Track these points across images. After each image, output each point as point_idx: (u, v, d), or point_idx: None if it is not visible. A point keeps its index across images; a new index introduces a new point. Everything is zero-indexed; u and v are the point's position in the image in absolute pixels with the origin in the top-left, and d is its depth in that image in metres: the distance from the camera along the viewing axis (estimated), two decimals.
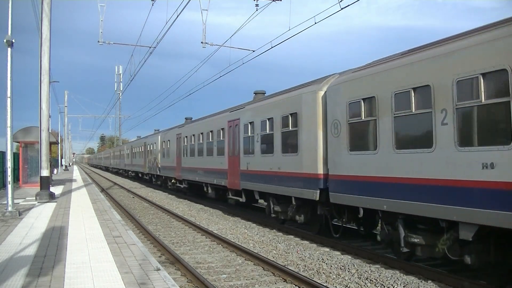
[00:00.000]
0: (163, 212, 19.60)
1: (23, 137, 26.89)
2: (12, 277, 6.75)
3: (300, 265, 9.88)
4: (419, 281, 8.42)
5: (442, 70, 7.91)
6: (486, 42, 7.26)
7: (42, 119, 19.35)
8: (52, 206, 16.97)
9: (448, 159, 7.68)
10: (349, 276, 8.89)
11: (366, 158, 9.85)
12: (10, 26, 14.65)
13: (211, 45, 20.35)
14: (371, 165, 9.63)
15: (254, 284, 8.45)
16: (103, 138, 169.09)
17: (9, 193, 14.44)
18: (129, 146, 51.05)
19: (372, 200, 9.60)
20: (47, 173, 19.15)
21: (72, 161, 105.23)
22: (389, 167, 9.06)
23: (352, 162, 10.31)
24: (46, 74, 19.23)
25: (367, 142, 9.88)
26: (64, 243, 9.51)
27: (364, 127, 9.96)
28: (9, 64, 14.57)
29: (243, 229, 14.71)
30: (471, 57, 7.43)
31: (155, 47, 23.72)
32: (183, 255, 10.84)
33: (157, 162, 33.38)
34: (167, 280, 6.65)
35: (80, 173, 57.73)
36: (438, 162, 7.88)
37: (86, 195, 22.02)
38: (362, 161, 9.94)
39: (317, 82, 12.30)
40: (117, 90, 73.98)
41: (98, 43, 23.13)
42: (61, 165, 65.35)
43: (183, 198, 26.34)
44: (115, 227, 11.80)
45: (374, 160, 9.53)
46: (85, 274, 6.90)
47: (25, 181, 28.26)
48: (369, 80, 9.88)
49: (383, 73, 9.48)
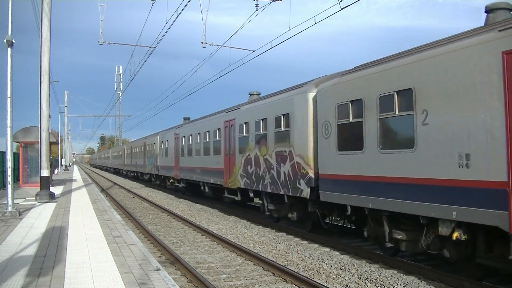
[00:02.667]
0: (163, 212, 19.60)
1: (23, 137, 26.89)
2: (12, 277, 6.75)
3: (300, 265, 9.88)
4: (419, 281, 8.42)
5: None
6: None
7: (42, 119, 19.35)
8: (52, 206, 16.97)
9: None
10: (349, 276, 8.89)
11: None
12: (10, 26, 14.66)
13: (211, 45, 20.36)
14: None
15: (254, 284, 8.45)
16: (103, 138, 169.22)
17: (9, 193, 14.43)
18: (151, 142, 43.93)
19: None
20: (47, 173, 19.15)
21: (72, 161, 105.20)
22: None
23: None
24: (46, 74, 19.22)
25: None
26: (64, 243, 9.51)
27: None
28: (9, 64, 14.56)
29: (243, 229, 14.71)
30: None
31: (155, 47, 23.72)
32: (183, 255, 10.84)
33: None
34: (167, 280, 6.64)
35: (80, 173, 57.73)
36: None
37: (86, 195, 22.02)
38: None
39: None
40: (117, 90, 74.13)
41: (98, 43, 23.11)
42: (61, 165, 65.37)
43: (182, 198, 26.35)
44: (115, 227, 11.80)
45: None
46: (85, 274, 6.90)
47: (25, 181, 28.27)
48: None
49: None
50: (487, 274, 8.37)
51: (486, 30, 7.49)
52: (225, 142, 18.70)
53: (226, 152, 18.42)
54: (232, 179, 17.68)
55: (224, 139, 18.83)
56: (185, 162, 25.21)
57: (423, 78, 8.21)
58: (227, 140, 18.44)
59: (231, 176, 17.70)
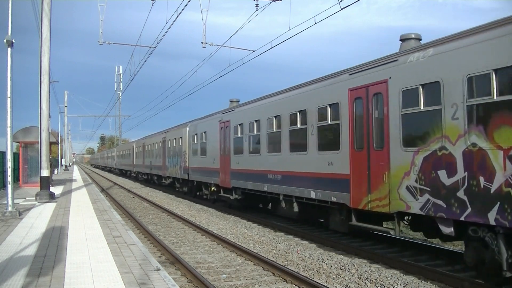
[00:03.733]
0: (163, 212, 19.60)
1: (23, 137, 26.88)
2: (12, 277, 6.75)
3: (300, 265, 9.88)
4: (419, 281, 8.42)
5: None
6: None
7: (42, 119, 19.35)
8: (52, 206, 16.97)
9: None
10: (349, 276, 8.89)
11: None
12: (10, 26, 14.66)
13: (211, 45, 20.35)
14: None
15: (254, 284, 8.45)
16: (103, 138, 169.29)
17: (9, 193, 14.43)
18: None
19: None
20: (47, 173, 19.14)
21: (72, 161, 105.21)
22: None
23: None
24: (46, 74, 19.22)
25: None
26: (64, 243, 9.51)
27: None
28: (9, 64, 14.56)
29: (243, 229, 14.71)
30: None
31: (155, 47, 23.73)
32: (183, 255, 10.84)
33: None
34: (167, 280, 6.65)
35: (80, 173, 57.73)
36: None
37: (86, 195, 22.02)
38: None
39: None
40: (117, 90, 74.06)
41: (98, 43, 23.12)
42: (61, 165, 65.36)
43: (183, 198, 26.33)
44: (115, 227, 11.80)
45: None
46: (85, 274, 6.90)
47: (25, 181, 28.26)
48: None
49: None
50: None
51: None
52: (358, 126, 10.45)
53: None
54: (380, 195, 9.49)
55: (354, 121, 10.59)
56: (246, 162, 16.81)
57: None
58: (368, 121, 10.13)
59: (377, 189, 9.63)
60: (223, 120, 19.11)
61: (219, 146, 19.30)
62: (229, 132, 18.16)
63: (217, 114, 20.82)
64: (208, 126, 21.40)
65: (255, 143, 16.13)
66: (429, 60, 8.41)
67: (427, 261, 9.88)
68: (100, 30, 22.93)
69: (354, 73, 10.68)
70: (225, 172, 18.56)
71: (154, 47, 23.71)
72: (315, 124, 12.04)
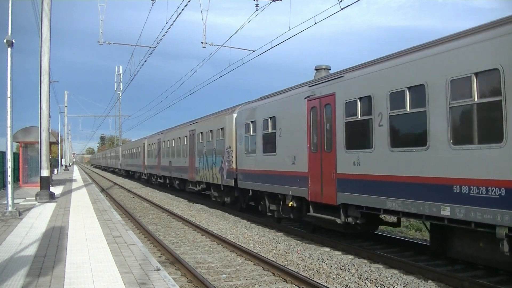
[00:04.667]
0: (163, 212, 19.60)
1: (23, 137, 26.88)
2: (12, 277, 6.75)
3: (300, 265, 9.88)
4: (419, 281, 8.42)
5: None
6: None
7: (42, 119, 19.35)
8: (52, 206, 16.97)
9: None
10: (349, 276, 8.89)
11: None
12: (10, 26, 14.66)
13: (211, 45, 20.34)
14: None
15: (254, 284, 8.45)
16: (103, 138, 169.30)
17: (9, 193, 14.43)
18: None
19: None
20: (47, 173, 19.15)
21: (72, 161, 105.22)
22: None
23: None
24: (46, 74, 19.23)
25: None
26: (64, 243, 9.51)
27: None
28: (9, 64, 14.57)
29: (243, 229, 14.71)
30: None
31: (155, 47, 23.71)
32: (183, 255, 10.84)
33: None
34: (167, 280, 6.65)
35: (80, 173, 57.73)
36: None
37: (86, 195, 22.02)
38: None
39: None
40: (117, 90, 74.10)
41: (98, 43, 23.10)
42: (61, 165, 65.37)
43: (183, 198, 26.34)
44: (115, 227, 11.80)
45: None
46: (85, 274, 6.90)
47: (25, 181, 28.26)
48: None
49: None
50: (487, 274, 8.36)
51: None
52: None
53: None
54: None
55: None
56: (378, 163, 9.69)
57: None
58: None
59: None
60: (316, 95, 12.06)
61: (307, 138, 12.42)
62: (333, 113, 11.25)
63: (296, 88, 13.66)
64: (280, 108, 14.27)
65: (399, 129, 9.39)
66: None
67: (427, 261, 9.88)
68: (100, 30, 22.94)
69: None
70: (322, 179, 11.64)
71: (154, 47, 23.71)
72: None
